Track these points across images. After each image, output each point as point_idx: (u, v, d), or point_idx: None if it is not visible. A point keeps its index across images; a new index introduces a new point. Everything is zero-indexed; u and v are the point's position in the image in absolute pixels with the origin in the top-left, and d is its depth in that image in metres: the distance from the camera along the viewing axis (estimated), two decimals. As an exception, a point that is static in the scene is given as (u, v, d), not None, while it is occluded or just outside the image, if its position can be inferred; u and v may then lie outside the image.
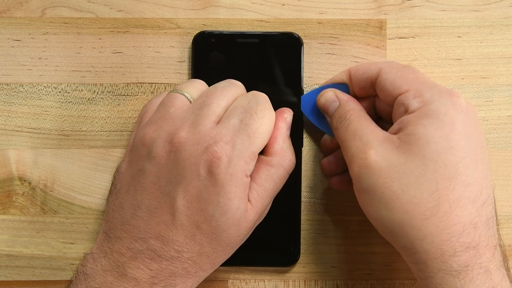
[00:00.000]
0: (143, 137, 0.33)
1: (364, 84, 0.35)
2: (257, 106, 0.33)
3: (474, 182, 0.30)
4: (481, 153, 0.31)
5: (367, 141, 0.31)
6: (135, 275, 0.31)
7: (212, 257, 0.33)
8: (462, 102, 0.31)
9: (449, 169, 0.29)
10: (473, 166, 0.30)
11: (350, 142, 0.32)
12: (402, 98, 0.32)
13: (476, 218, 0.29)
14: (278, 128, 0.35)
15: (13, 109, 0.39)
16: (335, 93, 0.36)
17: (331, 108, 0.36)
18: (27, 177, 0.39)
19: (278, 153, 0.35)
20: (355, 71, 0.36)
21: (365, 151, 0.31)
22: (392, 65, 0.34)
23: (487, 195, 0.30)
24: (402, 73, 0.33)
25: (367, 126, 0.33)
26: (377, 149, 0.31)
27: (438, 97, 0.31)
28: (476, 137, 0.31)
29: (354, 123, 0.33)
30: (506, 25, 0.40)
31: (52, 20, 0.40)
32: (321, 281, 0.39)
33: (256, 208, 0.33)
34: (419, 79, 0.32)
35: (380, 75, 0.34)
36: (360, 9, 0.40)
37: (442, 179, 0.29)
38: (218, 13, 0.40)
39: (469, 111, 0.31)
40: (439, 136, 0.30)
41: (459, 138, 0.30)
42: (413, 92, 0.32)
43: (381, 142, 0.31)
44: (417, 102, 0.31)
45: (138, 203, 0.32)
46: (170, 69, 0.40)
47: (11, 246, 0.39)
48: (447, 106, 0.30)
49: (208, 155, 0.31)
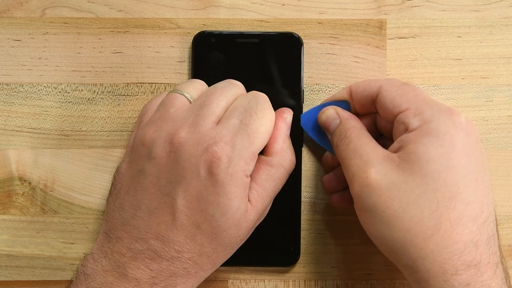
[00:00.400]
0: (143, 138, 0.33)
1: (365, 102, 0.35)
2: (257, 106, 0.33)
3: (475, 201, 0.30)
4: (481, 171, 0.31)
5: (368, 159, 0.31)
6: (135, 275, 0.31)
7: (213, 257, 0.33)
8: (462, 120, 0.31)
9: (450, 188, 0.29)
10: (473, 184, 0.30)
11: (351, 160, 0.32)
12: (402, 116, 0.32)
13: (477, 236, 0.29)
14: (278, 128, 0.35)
15: (13, 109, 0.39)
16: (336, 110, 0.36)
17: (332, 125, 0.36)
18: (27, 177, 0.39)
19: (278, 153, 0.35)
20: (356, 88, 0.36)
21: (366, 169, 0.31)
22: (392, 83, 0.34)
23: (488, 213, 0.30)
24: (402, 91, 0.33)
25: (367, 144, 0.33)
26: (378, 168, 0.31)
27: (438, 115, 0.31)
28: (477, 155, 0.31)
29: (355, 141, 0.33)
30: (506, 25, 0.40)
31: (52, 20, 0.40)
32: (321, 281, 0.39)
33: (257, 208, 0.33)
34: (419, 97, 0.32)
35: (380, 93, 0.34)
36: (360, 9, 0.40)
37: (443, 197, 0.29)
38: (218, 13, 0.40)
39: (469, 129, 0.31)
40: (440, 154, 0.30)
41: (460, 157, 0.30)
42: (413, 110, 0.32)
43: (381, 160, 0.31)
44: (417, 121, 0.31)
45: (138, 203, 0.32)
46: (170, 69, 0.40)
47: (11, 246, 0.39)
48: (447, 125, 0.30)
49: (208, 155, 0.31)
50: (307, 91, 0.39)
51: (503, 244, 0.39)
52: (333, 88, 0.40)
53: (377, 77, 0.40)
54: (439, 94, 0.40)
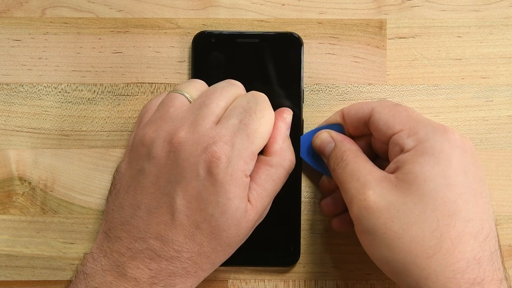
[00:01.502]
0: (143, 137, 0.33)
1: (358, 124, 0.35)
2: (256, 106, 0.33)
3: (475, 217, 0.30)
4: (479, 187, 0.30)
5: (365, 181, 0.31)
6: (134, 275, 0.31)
7: (212, 257, 0.33)
8: (456, 138, 0.31)
9: (449, 206, 0.29)
10: (472, 201, 0.30)
11: (348, 183, 0.32)
12: (396, 138, 0.32)
13: (480, 253, 0.29)
14: (278, 128, 0.35)
15: (13, 109, 0.39)
16: (329, 134, 0.36)
17: (327, 149, 0.35)
18: (27, 177, 0.39)
19: (277, 153, 0.35)
20: (348, 111, 0.36)
21: (364, 192, 0.31)
22: (384, 104, 0.34)
23: (489, 229, 0.30)
24: (395, 112, 0.33)
25: (364, 166, 0.32)
26: (376, 190, 0.31)
27: (432, 134, 0.31)
28: (474, 172, 0.31)
29: (351, 164, 0.33)
30: (506, 25, 0.40)
31: (52, 20, 0.40)
32: (321, 281, 0.39)
33: (256, 208, 0.33)
34: (412, 117, 0.32)
35: (372, 115, 0.34)
36: (360, 9, 0.40)
37: (442, 216, 0.29)
38: (218, 13, 0.40)
39: (464, 146, 0.31)
40: (436, 173, 0.30)
41: (456, 174, 0.30)
42: (407, 131, 0.32)
43: (379, 182, 0.31)
44: (412, 141, 0.31)
45: (138, 203, 0.32)
46: (170, 69, 0.40)
47: (11, 246, 0.39)
48: (442, 143, 0.30)
49: (207, 155, 0.31)
50: (307, 91, 0.39)
51: (503, 244, 0.39)
52: (333, 88, 0.40)
53: (377, 77, 0.40)
54: (439, 94, 0.40)
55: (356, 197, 0.31)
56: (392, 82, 0.40)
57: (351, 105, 0.36)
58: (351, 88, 0.40)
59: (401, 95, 0.40)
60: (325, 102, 0.40)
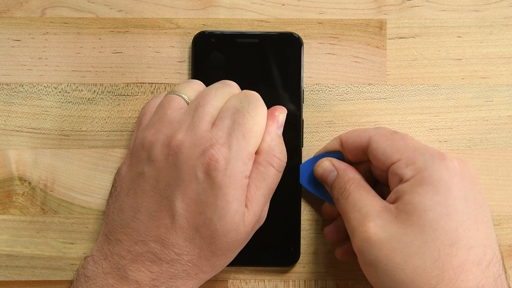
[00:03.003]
0: (143, 141, 0.33)
1: (356, 152, 0.35)
2: (249, 106, 0.33)
3: (477, 244, 0.29)
4: (481, 213, 0.30)
5: (366, 213, 0.31)
6: (136, 277, 0.31)
7: (212, 260, 0.33)
8: (455, 165, 0.31)
9: (450, 235, 0.29)
10: (474, 228, 0.30)
11: (350, 214, 0.32)
12: (395, 168, 0.32)
13: (483, 280, 0.29)
14: (266, 126, 0.35)
15: (13, 109, 0.39)
16: (331, 162, 0.36)
17: (330, 178, 0.35)
18: (27, 177, 0.39)
19: (264, 151, 0.34)
20: (346, 140, 0.35)
21: (365, 224, 0.31)
22: (381, 133, 0.34)
23: (492, 254, 0.30)
24: (392, 141, 0.33)
25: (366, 196, 0.32)
26: (376, 221, 0.30)
27: (430, 163, 0.31)
28: (474, 197, 0.30)
29: (353, 194, 0.33)
30: (506, 25, 0.40)
31: (52, 20, 0.40)
32: (321, 281, 0.39)
33: (253, 210, 0.33)
34: (409, 145, 0.32)
35: (370, 144, 0.33)
36: (360, 9, 0.40)
37: (443, 246, 0.29)
38: (218, 13, 0.40)
39: (463, 172, 0.31)
40: (436, 202, 0.30)
41: (456, 202, 0.30)
42: (405, 160, 0.31)
43: (379, 213, 0.31)
44: (410, 171, 0.31)
45: (138, 206, 0.32)
46: (170, 69, 0.40)
47: (11, 246, 0.39)
48: (441, 171, 0.30)
49: (205, 158, 0.31)
50: (307, 91, 0.39)
51: (503, 244, 0.39)
52: (333, 88, 0.40)
53: (377, 77, 0.40)
54: (439, 94, 0.40)
55: (357, 229, 0.31)
56: (392, 82, 0.40)
57: (349, 132, 0.36)
58: (351, 88, 0.40)
59: (401, 95, 0.40)
60: (325, 102, 0.40)
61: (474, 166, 0.39)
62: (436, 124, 0.40)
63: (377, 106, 0.40)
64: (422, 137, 0.39)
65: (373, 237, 0.30)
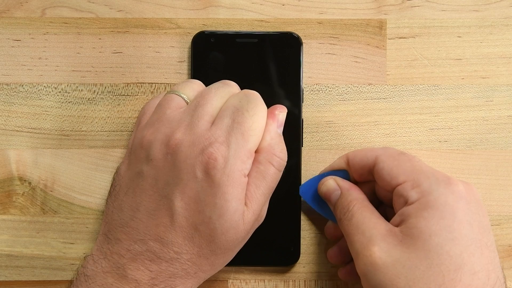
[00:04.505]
0: (141, 140, 0.33)
1: (362, 171, 0.35)
2: (248, 104, 0.33)
3: (481, 269, 0.29)
4: (485, 237, 0.30)
5: (370, 236, 0.31)
6: (135, 276, 0.31)
7: (211, 259, 0.33)
8: (460, 189, 0.31)
9: (454, 260, 0.29)
10: (478, 252, 0.30)
11: (354, 236, 0.32)
12: (400, 189, 0.32)
13: None
14: (266, 125, 0.35)
15: (13, 109, 0.39)
16: (336, 181, 0.36)
17: (333, 197, 0.35)
18: (27, 177, 0.39)
19: (264, 149, 0.34)
20: (353, 158, 0.35)
21: (369, 247, 0.31)
22: (388, 153, 0.34)
23: (496, 278, 0.30)
24: (399, 162, 0.33)
25: (370, 218, 0.32)
26: (381, 245, 0.30)
27: (436, 186, 0.31)
28: (479, 222, 0.30)
29: (357, 215, 0.33)
30: (506, 25, 0.40)
31: (52, 20, 0.40)
32: (321, 281, 0.39)
33: (252, 208, 0.33)
34: (416, 167, 0.32)
35: (377, 164, 0.33)
36: (360, 9, 0.40)
37: (448, 271, 0.29)
38: (218, 13, 0.40)
39: (469, 196, 0.31)
40: (441, 227, 0.29)
41: (461, 227, 0.30)
42: (411, 183, 0.31)
43: (384, 236, 0.31)
44: (415, 193, 0.31)
45: (137, 205, 0.32)
46: (170, 69, 0.40)
47: (11, 246, 0.39)
48: (446, 196, 0.30)
49: (204, 156, 0.31)
50: (307, 91, 0.39)
51: (503, 244, 0.39)
52: (333, 88, 0.40)
53: (377, 77, 0.40)
54: (439, 94, 0.40)
55: (361, 253, 0.31)
56: (392, 82, 0.40)
57: (356, 151, 0.36)
58: (351, 88, 0.40)
59: (401, 95, 0.40)
60: (325, 102, 0.40)
61: (474, 166, 0.39)
62: (436, 124, 0.40)
63: (377, 106, 0.40)
64: (422, 137, 0.39)
65: (377, 262, 0.30)
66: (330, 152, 0.40)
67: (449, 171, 0.39)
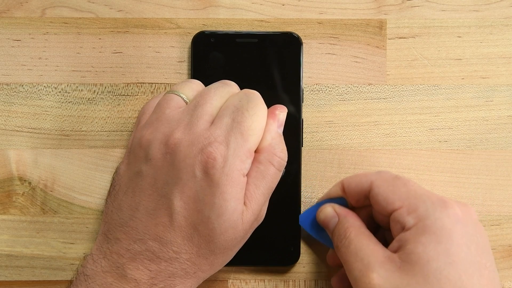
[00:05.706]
0: (140, 139, 0.33)
1: (358, 197, 0.35)
2: (248, 104, 0.33)
3: None
4: (484, 258, 0.30)
5: (369, 263, 0.31)
6: (134, 276, 0.31)
7: (211, 259, 0.33)
8: (456, 212, 0.31)
9: (453, 284, 0.29)
10: (477, 274, 0.29)
11: (352, 264, 0.32)
12: (396, 215, 0.32)
13: None
14: (267, 124, 0.35)
15: (13, 109, 0.39)
16: (333, 208, 0.36)
17: (331, 224, 0.35)
18: (27, 177, 0.39)
19: (265, 149, 0.34)
20: (348, 185, 0.35)
21: (368, 274, 0.30)
22: (382, 178, 0.34)
23: None
24: (394, 187, 0.33)
25: (367, 245, 0.32)
26: (380, 272, 0.30)
27: (432, 210, 0.31)
28: (476, 243, 0.30)
29: (355, 242, 0.33)
30: (506, 25, 0.40)
31: (52, 20, 0.40)
32: (321, 281, 0.39)
33: (251, 208, 0.33)
34: (411, 192, 0.32)
35: (372, 189, 0.33)
36: (360, 9, 0.40)
37: None
38: (218, 13, 0.40)
39: (465, 219, 0.31)
40: (439, 252, 0.29)
41: (459, 250, 0.30)
42: (407, 208, 0.31)
43: (382, 263, 0.31)
44: (412, 218, 0.31)
45: (136, 204, 0.32)
46: (170, 69, 0.40)
47: (11, 246, 0.39)
48: (443, 220, 0.30)
49: (203, 156, 0.31)
50: (307, 91, 0.39)
51: (503, 244, 0.39)
52: (333, 88, 0.40)
53: (377, 77, 0.40)
54: (439, 94, 0.40)
55: (360, 280, 0.31)
56: (392, 82, 0.40)
57: (351, 177, 0.35)
58: (351, 88, 0.40)
59: (401, 95, 0.40)
60: (325, 102, 0.40)
61: (474, 166, 0.39)
62: (436, 124, 0.40)
63: (377, 106, 0.40)
64: (422, 137, 0.39)
65: None
66: (330, 152, 0.40)
67: (449, 171, 0.39)
